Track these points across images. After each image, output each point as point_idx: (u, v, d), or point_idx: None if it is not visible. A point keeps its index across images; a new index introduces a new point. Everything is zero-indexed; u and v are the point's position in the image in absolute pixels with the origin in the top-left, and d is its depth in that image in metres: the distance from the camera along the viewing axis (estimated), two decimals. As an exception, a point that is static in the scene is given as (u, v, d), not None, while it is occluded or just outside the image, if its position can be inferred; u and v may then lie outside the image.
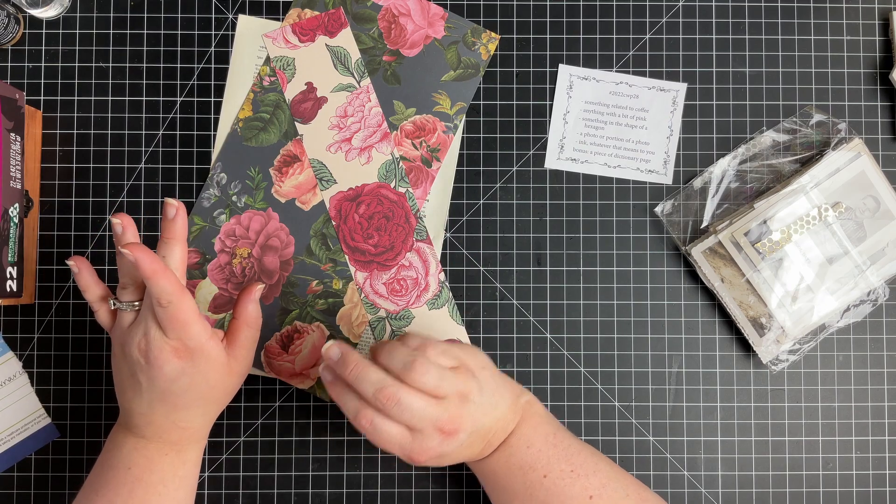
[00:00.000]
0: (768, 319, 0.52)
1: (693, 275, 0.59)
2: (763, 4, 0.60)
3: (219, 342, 0.47)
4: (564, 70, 0.59)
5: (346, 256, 0.58)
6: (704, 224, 0.54)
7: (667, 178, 0.59)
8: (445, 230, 0.59)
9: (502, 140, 0.59)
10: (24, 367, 0.58)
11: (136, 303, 0.47)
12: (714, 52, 0.60)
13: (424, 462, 0.45)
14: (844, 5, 0.60)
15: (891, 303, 0.59)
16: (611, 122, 0.59)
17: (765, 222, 0.51)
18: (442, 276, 0.59)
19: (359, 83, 0.59)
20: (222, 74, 0.59)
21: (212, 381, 0.47)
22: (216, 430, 0.57)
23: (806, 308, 0.53)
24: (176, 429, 0.48)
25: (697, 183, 0.55)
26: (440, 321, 0.59)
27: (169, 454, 0.48)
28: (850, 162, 0.52)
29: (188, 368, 0.45)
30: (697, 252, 0.51)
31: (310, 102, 0.59)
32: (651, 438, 0.58)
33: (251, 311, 0.49)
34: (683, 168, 0.59)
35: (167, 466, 0.48)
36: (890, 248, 0.53)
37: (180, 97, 0.59)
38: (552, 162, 0.59)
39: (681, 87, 0.59)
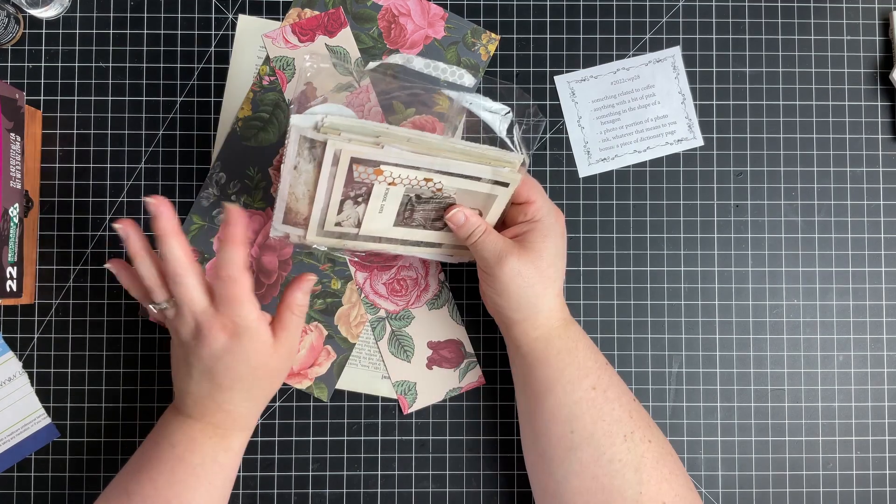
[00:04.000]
0: (303, 220, 0.50)
1: (693, 275, 0.59)
2: (763, 4, 0.60)
3: (266, 324, 0.48)
4: (561, 80, 0.59)
5: (346, 256, 0.58)
6: (316, 113, 0.47)
7: (698, 141, 0.59)
8: (445, 230, 0.59)
9: (502, 140, 0.59)
10: (24, 367, 0.58)
11: (171, 299, 0.48)
12: (714, 52, 0.60)
13: None
14: (844, 5, 0.60)
15: (891, 303, 0.59)
16: (624, 111, 0.59)
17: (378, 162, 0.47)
18: (442, 276, 0.59)
19: (358, 83, 0.59)
20: (222, 74, 0.59)
21: (254, 361, 0.47)
22: (216, 430, 0.57)
23: (340, 233, 0.51)
24: (220, 411, 0.48)
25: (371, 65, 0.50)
26: (440, 321, 0.59)
27: (213, 437, 0.48)
28: (493, 183, 0.49)
29: (233, 346, 0.46)
30: (296, 133, 0.46)
31: (314, 100, 0.58)
32: (651, 438, 0.58)
33: (298, 299, 0.50)
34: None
35: (209, 449, 0.48)
36: (445, 248, 0.54)
37: (180, 97, 0.59)
38: (584, 169, 0.59)
39: (675, 52, 0.59)
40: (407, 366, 0.58)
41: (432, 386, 0.58)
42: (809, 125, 0.60)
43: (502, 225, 0.53)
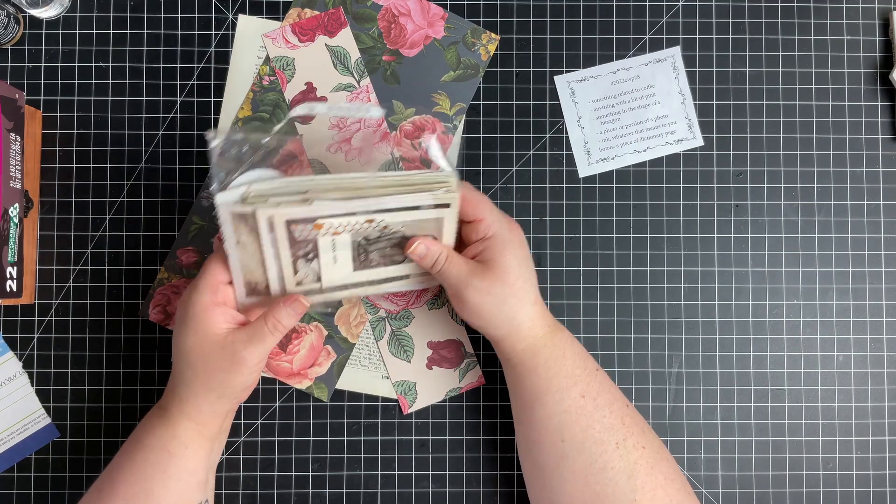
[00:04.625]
0: (265, 287, 0.50)
1: (693, 275, 0.59)
2: (763, 4, 0.60)
3: (219, 318, 0.47)
4: (561, 80, 0.59)
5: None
6: (239, 185, 0.46)
7: (698, 141, 0.59)
8: (445, 230, 0.59)
9: (502, 140, 0.59)
10: (24, 367, 0.58)
11: None
12: (714, 52, 0.60)
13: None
14: (844, 5, 0.60)
15: (891, 303, 0.59)
16: (624, 111, 0.59)
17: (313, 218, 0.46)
18: (442, 276, 0.59)
19: (358, 83, 0.59)
20: (222, 74, 0.59)
21: (188, 346, 0.47)
22: (216, 430, 0.57)
23: (308, 288, 0.51)
24: (169, 393, 0.50)
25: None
26: (440, 321, 0.59)
27: (163, 421, 0.49)
28: (436, 208, 0.48)
29: (177, 327, 0.49)
30: (226, 210, 0.45)
31: (311, 100, 0.58)
32: (651, 438, 0.58)
33: (281, 315, 0.48)
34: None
35: (160, 432, 0.49)
36: (413, 277, 0.53)
37: (180, 97, 0.59)
38: (584, 169, 0.59)
39: (675, 52, 0.59)
40: (407, 366, 0.58)
41: (432, 386, 0.58)
42: (809, 125, 0.60)
43: (461, 244, 0.52)
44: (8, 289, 0.54)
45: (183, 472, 0.48)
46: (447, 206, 0.48)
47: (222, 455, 0.58)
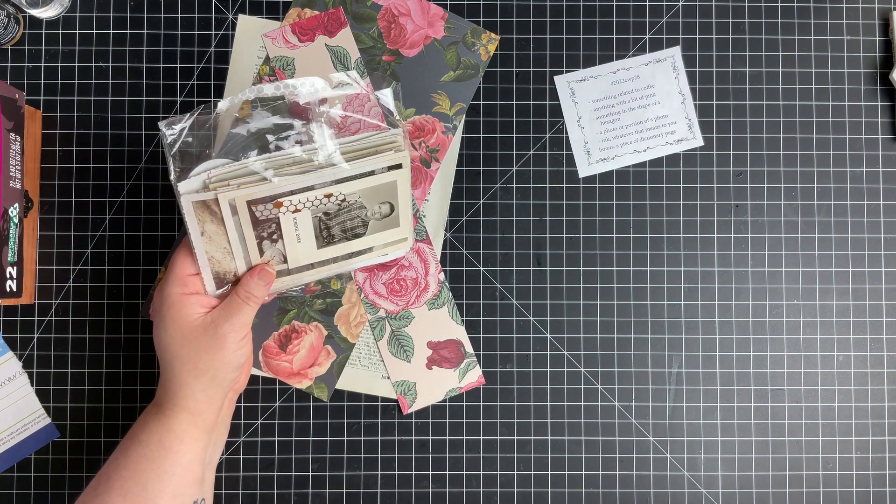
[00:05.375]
0: (234, 276, 0.50)
1: (693, 275, 0.59)
2: (763, 4, 0.60)
3: (194, 302, 0.48)
4: (561, 80, 0.59)
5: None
6: (199, 173, 0.47)
7: (698, 141, 0.59)
8: (445, 230, 0.59)
9: (502, 140, 0.59)
10: (24, 367, 0.58)
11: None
12: (714, 52, 0.60)
13: None
14: (844, 5, 0.60)
15: (891, 303, 0.59)
16: (624, 111, 0.59)
17: (272, 195, 0.47)
18: (442, 276, 0.59)
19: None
20: (222, 74, 0.59)
21: (172, 333, 0.48)
22: (216, 430, 0.57)
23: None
24: (161, 386, 0.50)
25: (223, 104, 0.48)
26: (440, 321, 0.59)
27: (157, 415, 0.49)
28: (389, 170, 0.49)
29: (156, 318, 0.49)
30: (188, 201, 0.46)
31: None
32: (651, 438, 0.58)
33: (250, 284, 0.49)
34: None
35: (154, 427, 0.49)
36: (377, 248, 0.53)
37: (180, 97, 0.59)
38: (584, 169, 0.59)
39: (675, 52, 0.59)
40: (407, 366, 0.58)
41: (432, 386, 0.58)
42: (809, 125, 0.60)
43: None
44: (8, 289, 0.54)
45: (178, 466, 0.48)
46: (399, 166, 0.49)
47: (222, 455, 0.58)
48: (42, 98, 0.59)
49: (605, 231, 0.59)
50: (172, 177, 0.46)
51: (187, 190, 0.46)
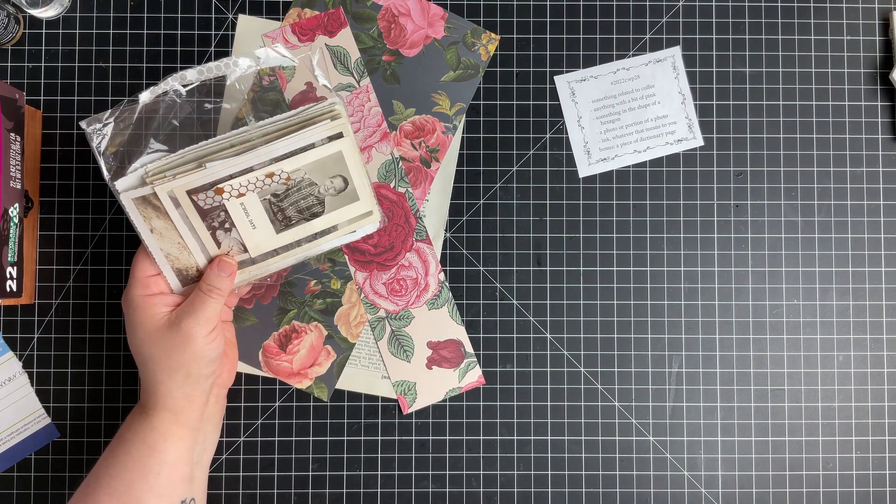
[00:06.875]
0: (196, 271, 0.50)
1: (693, 275, 0.59)
2: (763, 4, 0.60)
3: (157, 302, 0.48)
4: (561, 80, 0.59)
5: (346, 256, 0.58)
6: (136, 168, 0.46)
7: (698, 141, 0.59)
8: (445, 230, 0.59)
9: (502, 140, 0.59)
10: (24, 367, 0.58)
11: None
12: (714, 52, 0.60)
13: None
14: (844, 5, 0.60)
15: (891, 303, 0.59)
16: (624, 111, 0.59)
17: (212, 182, 0.46)
18: (442, 276, 0.59)
19: (358, 83, 0.59)
20: (222, 74, 0.59)
21: (140, 333, 0.48)
22: (216, 430, 0.57)
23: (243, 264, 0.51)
24: (142, 386, 0.50)
25: (145, 96, 0.48)
26: (440, 321, 0.59)
27: (140, 415, 0.49)
28: (330, 141, 0.47)
29: (126, 320, 0.49)
30: (128, 198, 0.45)
31: (309, 102, 0.58)
32: (651, 438, 0.58)
33: (210, 277, 0.49)
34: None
35: (138, 426, 0.49)
36: (342, 226, 0.52)
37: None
38: (584, 169, 0.59)
39: (675, 52, 0.59)
40: (407, 366, 0.58)
41: (432, 386, 0.58)
42: (809, 125, 0.60)
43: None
44: (8, 289, 0.54)
45: (163, 465, 0.48)
46: (340, 135, 0.48)
47: (222, 455, 0.58)
48: (42, 98, 0.59)
49: (605, 231, 0.59)
50: (106, 176, 0.46)
51: (125, 187, 0.45)
